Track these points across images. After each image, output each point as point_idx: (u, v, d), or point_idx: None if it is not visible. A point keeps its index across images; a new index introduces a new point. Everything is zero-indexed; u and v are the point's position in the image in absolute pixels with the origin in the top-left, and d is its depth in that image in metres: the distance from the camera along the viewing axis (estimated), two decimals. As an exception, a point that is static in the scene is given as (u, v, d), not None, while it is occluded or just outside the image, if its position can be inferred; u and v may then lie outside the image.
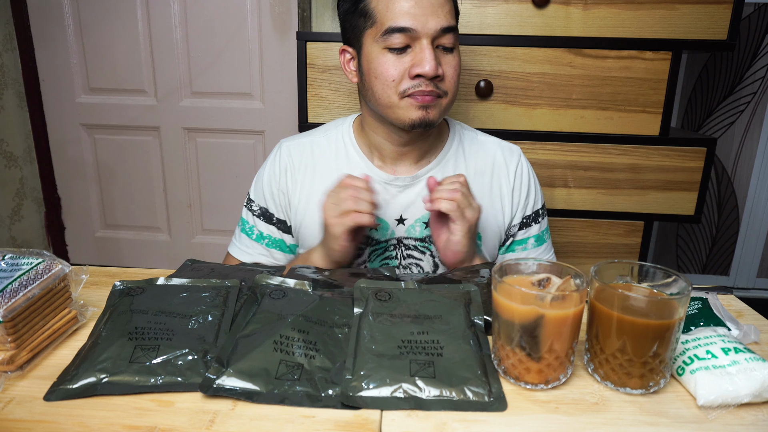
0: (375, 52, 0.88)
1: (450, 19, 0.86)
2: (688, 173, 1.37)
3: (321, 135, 1.02)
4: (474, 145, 1.01)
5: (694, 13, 1.27)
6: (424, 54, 0.84)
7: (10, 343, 0.56)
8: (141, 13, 2.08)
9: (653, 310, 0.54)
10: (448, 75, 0.88)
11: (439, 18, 0.85)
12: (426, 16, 0.84)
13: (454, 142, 1.00)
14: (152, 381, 0.55)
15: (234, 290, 0.70)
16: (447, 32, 0.86)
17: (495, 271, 0.58)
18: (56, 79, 2.18)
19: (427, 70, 0.84)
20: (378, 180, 0.96)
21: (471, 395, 0.53)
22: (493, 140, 1.04)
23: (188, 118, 2.18)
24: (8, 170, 2.16)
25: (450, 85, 0.89)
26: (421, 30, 0.84)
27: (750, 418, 0.53)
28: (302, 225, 0.99)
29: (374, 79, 0.89)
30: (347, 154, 0.99)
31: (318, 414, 0.52)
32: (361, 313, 0.64)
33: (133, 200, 2.33)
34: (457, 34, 0.89)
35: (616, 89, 1.33)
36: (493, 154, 1.01)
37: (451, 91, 0.90)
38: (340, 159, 0.99)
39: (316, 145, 1.01)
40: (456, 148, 1.00)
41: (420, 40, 0.85)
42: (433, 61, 0.84)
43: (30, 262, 0.62)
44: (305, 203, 0.98)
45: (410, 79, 0.86)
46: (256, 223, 1.02)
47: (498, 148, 1.02)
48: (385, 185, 0.96)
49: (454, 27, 0.87)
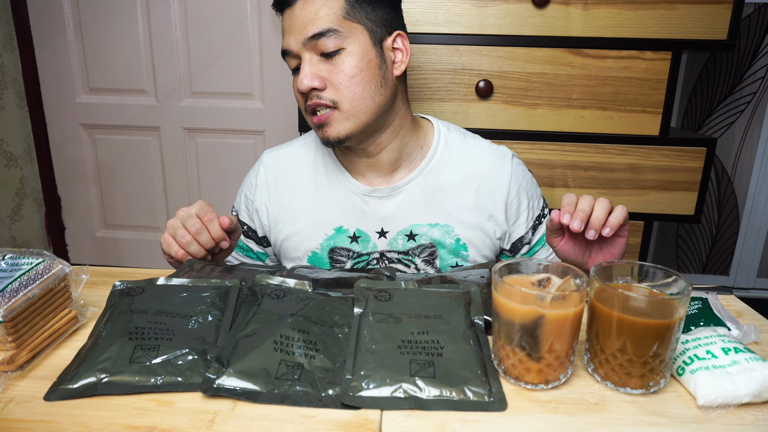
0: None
1: (321, 23, 0.81)
2: (688, 173, 1.37)
3: (301, 144, 1.00)
4: (461, 151, 0.95)
5: (694, 13, 1.27)
6: (302, 69, 0.83)
7: (10, 343, 0.56)
8: (141, 13, 2.08)
9: (653, 310, 0.54)
10: (335, 82, 0.83)
11: (307, 28, 0.81)
12: (297, 31, 0.82)
13: (439, 149, 0.94)
14: (152, 381, 0.55)
15: (234, 290, 0.69)
16: (317, 38, 0.81)
17: (495, 271, 0.58)
18: (56, 79, 2.18)
19: (300, 87, 0.83)
20: (356, 192, 0.93)
21: (471, 395, 0.53)
22: (483, 145, 0.97)
23: (188, 118, 2.19)
24: (8, 170, 2.16)
25: (338, 92, 0.83)
26: (294, 47, 0.83)
27: (750, 418, 0.53)
28: (285, 239, 0.97)
29: None
30: (325, 165, 0.96)
31: (318, 414, 0.52)
32: (361, 313, 0.64)
33: (133, 200, 2.33)
34: (344, 32, 0.82)
35: (616, 89, 1.33)
36: (483, 162, 0.94)
37: (346, 98, 0.83)
38: (318, 170, 0.96)
39: (295, 156, 0.99)
40: (441, 155, 0.94)
41: (302, 56, 0.83)
42: (307, 75, 0.82)
43: (30, 262, 0.62)
44: (286, 216, 0.97)
45: (302, 97, 0.86)
46: None
47: (488, 154, 0.95)
48: (364, 197, 0.93)
49: (326, 30, 0.81)
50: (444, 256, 0.94)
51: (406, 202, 0.93)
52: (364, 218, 0.94)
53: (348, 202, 0.94)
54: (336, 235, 0.95)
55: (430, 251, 0.94)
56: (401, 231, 0.94)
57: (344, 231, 0.94)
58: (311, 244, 0.95)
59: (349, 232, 0.94)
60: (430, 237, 0.93)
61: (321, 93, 0.83)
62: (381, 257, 0.95)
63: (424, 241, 0.93)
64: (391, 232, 0.94)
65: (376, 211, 0.93)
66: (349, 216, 0.94)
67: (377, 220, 0.94)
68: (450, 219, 0.93)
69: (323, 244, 0.95)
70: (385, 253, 0.95)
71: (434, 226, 0.93)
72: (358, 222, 0.94)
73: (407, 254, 0.94)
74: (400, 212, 0.93)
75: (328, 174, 0.96)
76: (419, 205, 0.93)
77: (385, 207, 0.93)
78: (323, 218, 0.95)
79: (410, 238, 0.93)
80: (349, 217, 0.94)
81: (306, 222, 0.95)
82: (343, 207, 0.94)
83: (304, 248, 0.96)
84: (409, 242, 0.94)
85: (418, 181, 0.93)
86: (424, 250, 0.94)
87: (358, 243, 0.94)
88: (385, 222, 0.94)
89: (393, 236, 0.94)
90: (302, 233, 0.96)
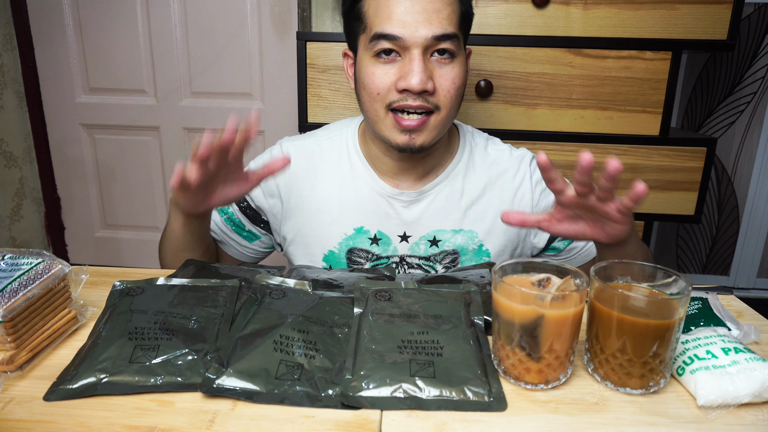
0: (365, 60, 0.82)
1: (447, 25, 0.78)
2: (688, 173, 1.37)
3: (325, 138, 0.96)
4: (483, 157, 0.94)
5: (694, 13, 1.27)
6: (412, 65, 0.77)
7: (10, 343, 0.56)
8: (141, 13, 2.08)
9: (653, 310, 0.54)
10: (442, 88, 0.80)
11: (433, 25, 0.77)
12: (417, 23, 0.76)
13: (464, 155, 0.93)
14: (152, 381, 0.55)
15: (234, 290, 0.69)
16: (442, 40, 0.78)
17: (495, 271, 0.58)
18: (56, 79, 2.18)
19: (413, 84, 0.77)
20: (381, 193, 0.91)
21: (471, 395, 0.53)
22: (503, 149, 0.96)
23: (188, 118, 2.18)
24: (8, 170, 2.16)
25: (445, 99, 0.80)
26: (409, 38, 0.77)
27: (750, 418, 0.53)
28: (298, 234, 0.94)
29: (362, 89, 0.83)
30: (350, 161, 0.93)
31: (318, 414, 0.52)
32: (361, 313, 0.64)
33: (133, 200, 2.33)
34: (459, 42, 0.81)
35: (616, 89, 1.33)
36: (503, 167, 0.93)
37: (446, 107, 0.81)
38: (342, 165, 0.93)
39: (318, 148, 0.95)
40: (466, 161, 0.93)
41: (410, 50, 0.78)
42: (422, 74, 0.77)
43: (30, 262, 0.62)
44: (302, 209, 0.93)
45: (397, 93, 0.79)
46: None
47: (508, 159, 0.94)
48: (389, 199, 0.91)
49: (453, 34, 0.79)
50: (465, 262, 0.92)
51: (432, 208, 0.91)
52: (387, 220, 0.91)
53: (372, 203, 0.91)
54: (356, 236, 0.92)
55: (452, 258, 0.92)
56: (424, 236, 0.91)
57: (365, 232, 0.92)
58: (329, 242, 0.92)
59: (370, 234, 0.92)
60: (453, 243, 0.91)
61: (429, 97, 0.79)
62: (401, 261, 0.92)
63: (447, 248, 0.92)
64: (414, 236, 0.92)
65: (399, 215, 0.91)
66: (371, 217, 0.91)
67: (400, 223, 0.91)
68: (475, 225, 0.91)
69: (342, 244, 0.92)
70: (406, 257, 0.92)
71: (458, 233, 0.91)
72: (380, 224, 0.91)
73: (428, 260, 0.92)
74: (424, 217, 0.91)
75: (354, 172, 0.92)
76: (444, 211, 0.91)
77: (410, 211, 0.91)
78: (343, 217, 0.92)
79: (433, 244, 0.92)
80: (371, 218, 0.91)
81: (325, 219, 0.92)
82: (366, 207, 0.91)
83: (321, 246, 0.92)
84: (431, 248, 0.92)
85: (443, 186, 0.91)
86: (447, 256, 0.92)
87: (379, 245, 0.92)
88: (408, 226, 0.91)
89: (415, 241, 0.92)
90: (320, 230, 0.92)
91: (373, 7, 0.80)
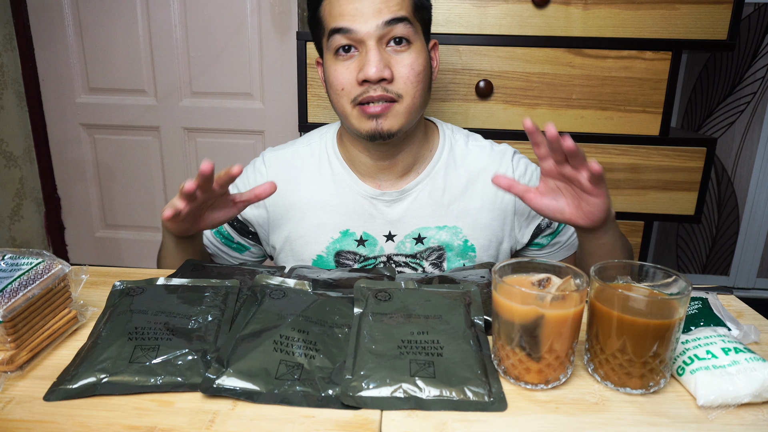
0: (329, 61, 0.84)
1: (398, 9, 0.79)
2: (688, 173, 1.37)
3: (305, 145, 0.97)
4: (464, 153, 0.95)
5: (694, 13, 1.27)
6: (368, 56, 0.79)
7: (10, 343, 0.56)
8: (141, 13, 2.08)
9: (653, 310, 0.54)
10: (400, 75, 0.80)
11: (382, 13, 0.78)
12: (367, 15, 0.78)
13: (444, 152, 0.94)
14: (152, 381, 0.55)
15: (234, 290, 0.70)
16: (394, 24, 0.78)
17: (495, 271, 0.58)
18: (56, 79, 2.18)
19: (370, 74, 0.78)
20: (363, 194, 0.92)
21: (471, 395, 0.53)
22: (484, 146, 0.96)
23: (188, 118, 2.18)
24: (8, 170, 2.16)
25: (405, 86, 0.81)
26: (361, 29, 0.79)
27: (750, 418, 0.53)
28: (286, 241, 0.95)
29: (330, 89, 0.86)
30: (331, 166, 0.94)
31: (318, 414, 0.52)
32: (361, 313, 0.64)
33: (133, 200, 2.33)
34: (414, 28, 0.81)
35: (616, 89, 1.33)
36: (484, 162, 0.94)
37: (409, 94, 0.82)
38: (323, 171, 0.94)
39: (299, 156, 0.96)
40: (447, 158, 0.94)
41: (365, 43, 0.79)
42: (378, 63, 0.78)
43: (30, 262, 0.62)
44: (288, 217, 0.94)
45: (359, 86, 0.81)
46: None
47: (489, 154, 0.95)
48: (372, 200, 0.92)
49: (403, 17, 0.79)
50: (451, 258, 0.94)
51: (414, 206, 0.92)
52: (371, 221, 0.93)
53: (355, 205, 0.93)
54: (342, 239, 0.93)
55: (438, 254, 0.93)
56: (409, 234, 0.93)
57: (351, 234, 0.93)
58: (317, 247, 0.94)
59: (356, 236, 0.93)
60: (438, 240, 0.93)
61: (388, 86, 0.80)
62: (388, 261, 0.94)
63: (432, 244, 0.93)
64: (399, 235, 0.93)
65: (384, 215, 0.92)
66: (356, 219, 0.93)
67: (385, 223, 0.93)
68: (458, 221, 0.93)
69: (329, 248, 0.94)
70: (393, 256, 0.94)
71: (442, 229, 0.93)
72: (365, 225, 0.93)
73: (415, 257, 0.93)
74: (408, 216, 0.92)
75: (335, 176, 0.94)
76: (427, 209, 0.93)
77: (394, 210, 0.93)
78: (329, 221, 0.93)
79: (418, 242, 0.93)
80: (356, 220, 0.93)
81: (310, 225, 0.94)
82: (350, 210, 0.93)
83: (309, 252, 0.94)
84: (417, 245, 0.93)
85: (425, 184, 0.93)
86: (432, 253, 0.93)
87: (365, 246, 0.93)
88: (393, 225, 0.93)
89: (401, 239, 0.93)
90: (307, 236, 0.94)
91: (327, 9, 0.83)
